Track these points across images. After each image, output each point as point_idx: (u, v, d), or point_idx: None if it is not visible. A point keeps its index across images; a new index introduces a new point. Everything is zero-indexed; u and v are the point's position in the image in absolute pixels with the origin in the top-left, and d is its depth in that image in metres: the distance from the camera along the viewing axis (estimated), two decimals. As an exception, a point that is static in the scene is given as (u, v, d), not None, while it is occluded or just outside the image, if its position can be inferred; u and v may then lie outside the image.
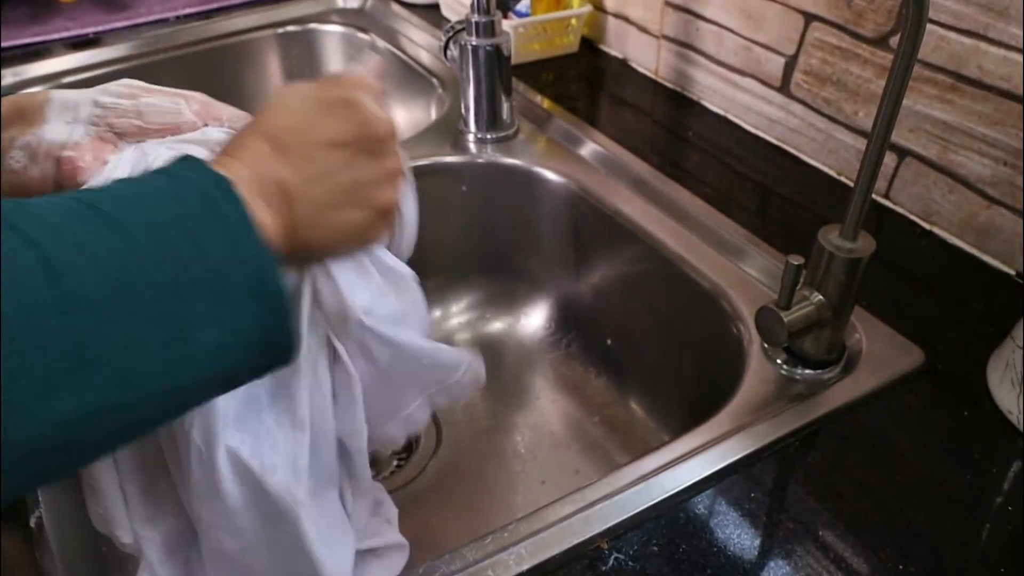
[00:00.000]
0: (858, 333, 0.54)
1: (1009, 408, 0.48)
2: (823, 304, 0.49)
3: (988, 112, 0.58)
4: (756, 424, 0.48)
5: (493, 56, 0.73)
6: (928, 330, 0.55)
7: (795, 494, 0.45)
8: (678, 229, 0.66)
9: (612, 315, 0.74)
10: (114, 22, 1.00)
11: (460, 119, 0.79)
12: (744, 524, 0.43)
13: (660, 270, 0.66)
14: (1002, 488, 0.45)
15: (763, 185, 0.71)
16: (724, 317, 0.59)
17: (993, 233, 0.61)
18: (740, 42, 0.77)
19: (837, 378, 0.51)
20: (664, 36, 0.86)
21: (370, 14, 1.07)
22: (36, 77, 0.92)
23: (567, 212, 0.74)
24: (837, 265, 0.48)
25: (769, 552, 0.42)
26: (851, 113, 0.69)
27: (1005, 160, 0.58)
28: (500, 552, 0.41)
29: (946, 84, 0.61)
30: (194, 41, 1.00)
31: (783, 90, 0.74)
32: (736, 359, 0.57)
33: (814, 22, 0.69)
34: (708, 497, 0.45)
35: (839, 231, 0.48)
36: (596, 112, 0.83)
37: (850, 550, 0.42)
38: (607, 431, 0.70)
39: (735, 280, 0.60)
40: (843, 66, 0.68)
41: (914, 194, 0.66)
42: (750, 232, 0.63)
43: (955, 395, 0.50)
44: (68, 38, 0.97)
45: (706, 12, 0.80)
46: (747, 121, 0.79)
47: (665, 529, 0.43)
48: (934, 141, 0.63)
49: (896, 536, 0.42)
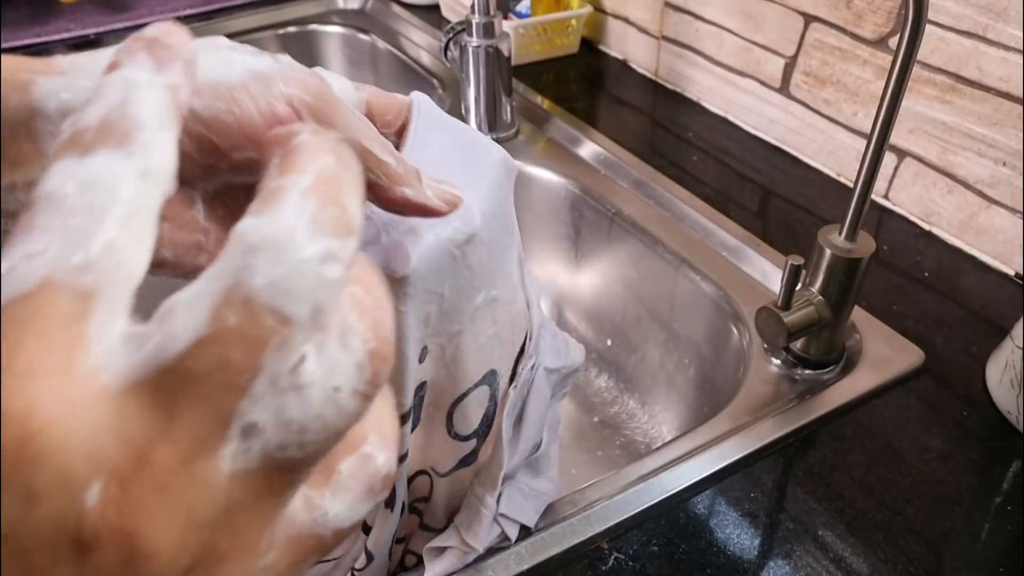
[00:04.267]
0: (858, 333, 0.54)
1: (1008, 408, 0.48)
2: (823, 304, 0.49)
3: (987, 113, 0.59)
4: (756, 424, 0.48)
5: (493, 57, 0.73)
6: (928, 330, 0.55)
7: (795, 494, 0.45)
8: (678, 229, 0.66)
9: (612, 315, 0.74)
10: (115, 23, 1.00)
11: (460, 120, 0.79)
12: (744, 524, 0.43)
13: (660, 270, 0.66)
14: (1001, 488, 0.45)
15: (763, 186, 0.71)
16: (724, 317, 0.59)
17: (992, 233, 0.61)
18: (740, 43, 0.77)
19: (837, 378, 0.51)
20: (664, 37, 0.86)
21: (370, 15, 1.07)
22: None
23: (567, 212, 0.75)
24: (837, 265, 0.48)
25: (769, 552, 0.42)
26: (850, 114, 0.69)
27: (1004, 161, 0.58)
28: (500, 552, 0.41)
29: (945, 85, 0.61)
30: (195, 42, 1.00)
31: (783, 91, 0.74)
32: (736, 359, 0.57)
33: (813, 23, 0.70)
34: (708, 497, 0.45)
35: (839, 231, 0.48)
36: (596, 113, 0.84)
37: (850, 550, 0.42)
38: (607, 431, 0.70)
39: (735, 280, 0.60)
40: (842, 67, 0.68)
41: (913, 195, 0.66)
42: (750, 233, 0.63)
43: (954, 395, 0.50)
44: (69, 39, 0.97)
45: (706, 13, 0.80)
46: (747, 122, 0.79)
47: (665, 529, 0.43)
48: (933, 142, 0.63)
49: (895, 536, 0.42)
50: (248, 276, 0.14)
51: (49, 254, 0.13)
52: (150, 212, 0.15)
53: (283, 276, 0.14)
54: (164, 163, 0.15)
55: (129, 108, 0.15)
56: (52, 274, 0.13)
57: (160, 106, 0.16)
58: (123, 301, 0.14)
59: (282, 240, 0.14)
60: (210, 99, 0.22)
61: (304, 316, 0.14)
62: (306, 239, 0.14)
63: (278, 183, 0.15)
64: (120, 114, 0.15)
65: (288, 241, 0.14)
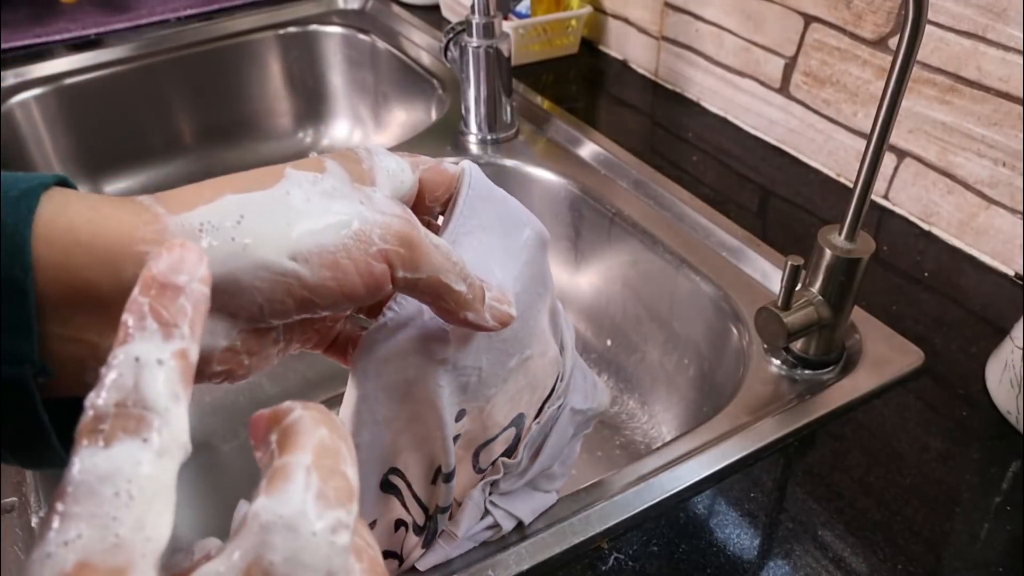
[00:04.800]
0: (857, 333, 0.54)
1: (1008, 408, 0.48)
2: (822, 304, 0.49)
3: (987, 113, 0.59)
4: (756, 424, 0.48)
5: (493, 57, 0.73)
6: (927, 330, 0.55)
7: (794, 494, 0.45)
8: (678, 230, 0.66)
9: (612, 316, 0.74)
10: (115, 23, 1.00)
11: (460, 120, 0.80)
12: (744, 524, 0.43)
13: (660, 270, 0.66)
14: (1000, 488, 0.45)
15: (763, 186, 0.71)
16: (724, 318, 0.60)
17: (992, 234, 0.61)
18: (739, 43, 0.77)
19: (836, 378, 0.52)
20: (664, 37, 0.86)
21: (371, 15, 1.07)
22: (38, 78, 0.92)
23: (567, 212, 0.75)
24: (836, 265, 0.48)
25: (769, 552, 0.42)
26: (850, 114, 0.69)
27: (1004, 161, 0.59)
28: (500, 552, 0.41)
29: (945, 85, 0.61)
30: (195, 42, 1.00)
31: (782, 91, 0.74)
32: (736, 359, 0.57)
33: (813, 23, 0.70)
34: (708, 497, 0.45)
35: (838, 231, 0.48)
36: (596, 113, 0.84)
37: (849, 550, 0.42)
38: (607, 431, 0.70)
39: (735, 281, 0.60)
40: (842, 67, 0.68)
41: (913, 195, 0.66)
42: (750, 233, 0.63)
43: (954, 395, 0.51)
44: (69, 39, 0.97)
45: (705, 13, 0.80)
46: (746, 122, 0.80)
47: (665, 529, 0.43)
48: (933, 142, 0.63)
49: (895, 536, 0.43)
50: (267, 552, 0.16)
51: (83, 540, 0.15)
52: (168, 485, 0.17)
53: (298, 550, 0.16)
54: (178, 434, 0.17)
55: (141, 392, 0.17)
56: (88, 556, 0.15)
57: (170, 382, 0.17)
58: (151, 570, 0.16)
59: (294, 519, 0.16)
60: (316, 266, 0.24)
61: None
62: (315, 515, 0.17)
63: (283, 462, 0.17)
64: (133, 399, 0.16)
65: (300, 519, 0.16)
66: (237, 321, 0.24)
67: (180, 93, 1.00)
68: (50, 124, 0.93)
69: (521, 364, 0.35)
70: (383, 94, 1.05)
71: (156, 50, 0.98)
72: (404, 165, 0.28)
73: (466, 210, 0.31)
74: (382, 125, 1.07)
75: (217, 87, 1.03)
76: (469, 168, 0.31)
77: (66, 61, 0.94)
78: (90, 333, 0.22)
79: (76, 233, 0.21)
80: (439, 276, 0.25)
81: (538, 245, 0.34)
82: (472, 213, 0.31)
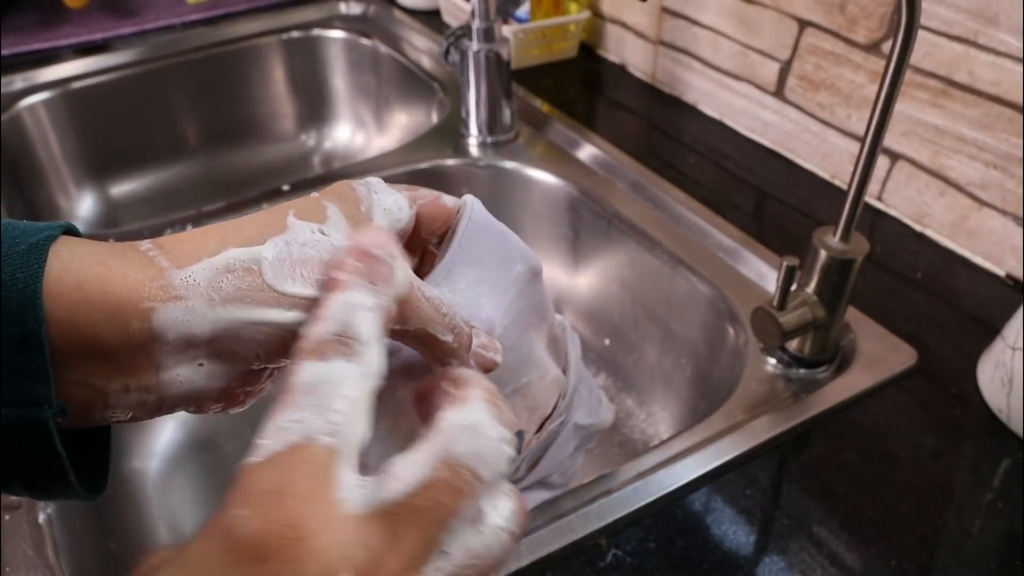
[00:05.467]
0: (852, 333, 0.55)
1: (999, 407, 0.49)
2: (817, 304, 0.50)
3: (978, 116, 0.59)
4: (752, 423, 0.49)
5: (493, 61, 0.74)
6: (920, 330, 0.56)
7: (790, 491, 0.46)
8: (675, 231, 0.67)
9: (610, 315, 0.75)
10: (122, 28, 1.01)
11: (461, 123, 0.80)
12: (740, 521, 0.44)
13: (657, 271, 0.67)
14: (992, 485, 0.46)
15: (758, 188, 0.72)
16: (720, 318, 0.60)
17: (984, 235, 0.61)
18: (735, 47, 0.78)
19: (831, 377, 0.52)
20: (661, 42, 0.87)
21: (372, 20, 1.08)
22: (46, 82, 0.93)
23: (566, 214, 0.75)
24: (831, 266, 0.48)
25: (764, 548, 0.43)
26: (844, 117, 0.70)
27: (995, 163, 0.59)
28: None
29: (937, 89, 0.61)
30: (200, 47, 1.01)
31: (778, 95, 0.75)
32: (732, 359, 0.58)
33: (808, 28, 0.70)
34: (705, 494, 0.46)
35: (833, 233, 0.48)
36: (595, 116, 0.84)
37: (843, 546, 0.43)
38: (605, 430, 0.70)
39: (731, 281, 0.61)
40: (836, 71, 0.69)
41: (906, 197, 0.67)
42: (746, 234, 0.64)
43: (947, 394, 0.51)
44: (76, 44, 0.98)
45: (702, 18, 0.81)
46: (742, 125, 0.80)
47: (662, 526, 0.44)
48: (926, 145, 0.64)
49: (888, 532, 0.43)
50: (455, 445, 0.21)
51: (306, 422, 0.20)
52: (367, 398, 0.21)
53: (480, 447, 0.21)
54: (376, 364, 0.22)
55: (352, 328, 0.21)
56: (309, 433, 0.20)
57: (374, 326, 0.22)
58: (354, 455, 0.20)
59: (478, 424, 0.21)
60: None
61: (489, 477, 0.21)
62: (492, 425, 0.22)
63: (463, 393, 0.22)
64: (348, 332, 0.21)
65: (482, 424, 0.22)
66: (235, 365, 0.25)
67: (185, 97, 1.01)
68: (58, 127, 0.94)
69: (518, 391, 0.36)
70: (385, 97, 1.05)
71: (162, 55, 0.98)
72: (402, 202, 0.29)
73: (464, 242, 0.31)
74: (383, 128, 1.07)
75: (222, 91, 1.04)
76: (471, 203, 0.32)
77: (73, 65, 0.95)
78: (96, 379, 0.23)
79: (85, 291, 0.22)
80: (426, 328, 0.26)
81: (529, 279, 0.35)
82: (469, 246, 0.32)
